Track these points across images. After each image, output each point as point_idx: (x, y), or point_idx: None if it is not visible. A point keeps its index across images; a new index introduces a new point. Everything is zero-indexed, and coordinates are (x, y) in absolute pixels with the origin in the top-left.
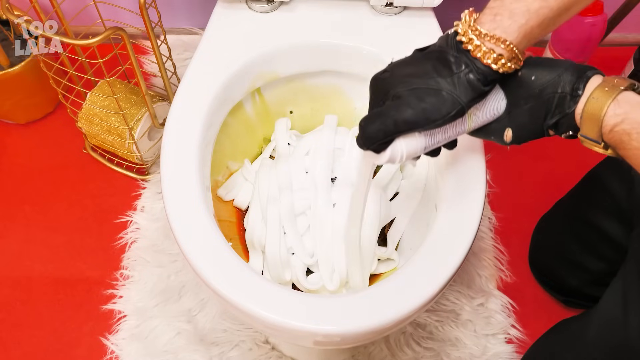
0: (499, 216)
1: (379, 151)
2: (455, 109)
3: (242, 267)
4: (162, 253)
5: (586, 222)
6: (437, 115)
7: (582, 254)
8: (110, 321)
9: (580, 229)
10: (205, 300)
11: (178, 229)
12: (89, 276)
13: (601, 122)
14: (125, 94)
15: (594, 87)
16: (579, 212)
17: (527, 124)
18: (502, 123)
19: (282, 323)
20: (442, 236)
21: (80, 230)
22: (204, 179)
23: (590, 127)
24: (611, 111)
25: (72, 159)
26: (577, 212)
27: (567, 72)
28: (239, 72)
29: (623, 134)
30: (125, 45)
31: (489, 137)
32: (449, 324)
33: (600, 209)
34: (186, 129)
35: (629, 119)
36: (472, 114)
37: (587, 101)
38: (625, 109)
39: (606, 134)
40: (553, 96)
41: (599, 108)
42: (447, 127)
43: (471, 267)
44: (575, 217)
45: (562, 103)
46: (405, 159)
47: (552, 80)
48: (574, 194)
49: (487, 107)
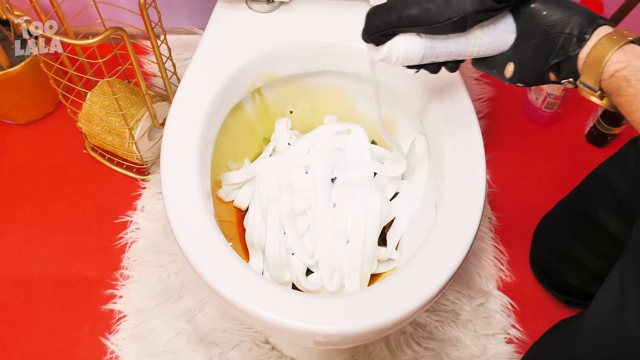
0: (499, 216)
1: (378, 44)
2: (458, 14)
3: (242, 267)
4: (162, 253)
5: (587, 219)
6: (440, 17)
7: (583, 252)
8: (110, 321)
9: (581, 227)
10: (205, 300)
11: (178, 228)
12: (89, 276)
13: (602, 68)
14: (125, 94)
15: (603, 35)
16: (580, 210)
17: (529, 61)
18: (506, 56)
19: (282, 323)
20: (442, 236)
21: (80, 230)
22: (204, 178)
23: (591, 74)
24: (615, 58)
25: (72, 159)
26: (579, 209)
27: (579, 15)
28: (239, 72)
29: (622, 80)
30: (125, 45)
31: (491, 70)
32: (449, 324)
33: (602, 206)
34: (186, 129)
35: (631, 66)
36: (478, 37)
37: (593, 47)
38: (629, 57)
39: (605, 79)
40: (559, 36)
41: (603, 54)
42: (450, 41)
43: (471, 267)
44: (577, 215)
45: (567, 45)
46: (402, 61)
47: (562, 20)
48: (576, 192)
49: (494, 34)
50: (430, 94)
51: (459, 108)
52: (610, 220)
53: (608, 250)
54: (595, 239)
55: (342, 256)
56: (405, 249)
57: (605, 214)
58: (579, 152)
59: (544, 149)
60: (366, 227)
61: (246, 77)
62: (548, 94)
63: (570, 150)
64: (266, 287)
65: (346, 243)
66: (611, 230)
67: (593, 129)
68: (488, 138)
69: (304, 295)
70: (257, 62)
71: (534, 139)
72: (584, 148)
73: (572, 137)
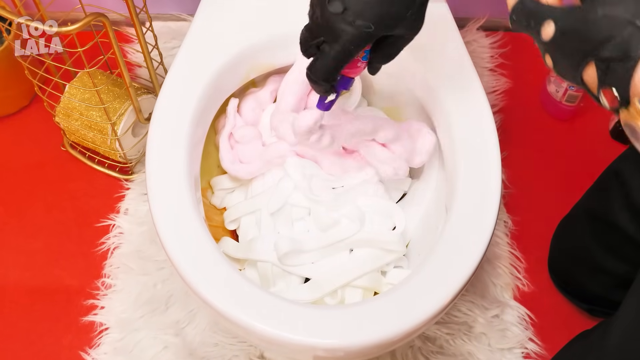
0: (516, 219)
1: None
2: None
3: (235, 275)
4: (147, 260)
5: (604, 220)
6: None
7: (603, 256)
8: (91, 334)
9: (599, 229)
10: (195, 311)
11: (165, 233)
12: (68, 285)
13: None
14: (107, 86)
15: None
16: (596, 210)
17: (572, 37)
18: (549, 10)
19: (279, 336)
20: (453, 241)
21: (59, 234)
22: (193, 179)
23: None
24: None
25: (50, 157)
26: (596, 211)
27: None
28: (232, 63)
29: None
30: (107, 32)
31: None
32: (461, 337)
33: (620, 207)
34: (174, 124)
35: None
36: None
37: None
38: None
39: None
40: (625, 24)
41: None
42: None
43: (485, 275)
44: (594, 217)
45: (632, 40)
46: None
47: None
48: (591, 192)
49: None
50: (439, 86)
51: (471, 101)
52: (629, 221)
53: (630, 252)
54: (614, 240)
55: (343, 266)
56: (414, 255)
57: (622, 214)
58: (603, 150)
59: (564, 146)
60: (369, 235)
61: (239, 68)
62: (569, 86)
63: (594, 147)
64: (261, 296)
65: (349, 252)
66: (629, 232)
67: (618, 125)
68: (503, 134)
69: (303, 305)
70: (251, 52)
71: (553, 135)
72: (609, 145)
73: (595, 133)
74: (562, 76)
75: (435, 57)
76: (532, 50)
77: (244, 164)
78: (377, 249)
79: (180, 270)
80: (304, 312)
